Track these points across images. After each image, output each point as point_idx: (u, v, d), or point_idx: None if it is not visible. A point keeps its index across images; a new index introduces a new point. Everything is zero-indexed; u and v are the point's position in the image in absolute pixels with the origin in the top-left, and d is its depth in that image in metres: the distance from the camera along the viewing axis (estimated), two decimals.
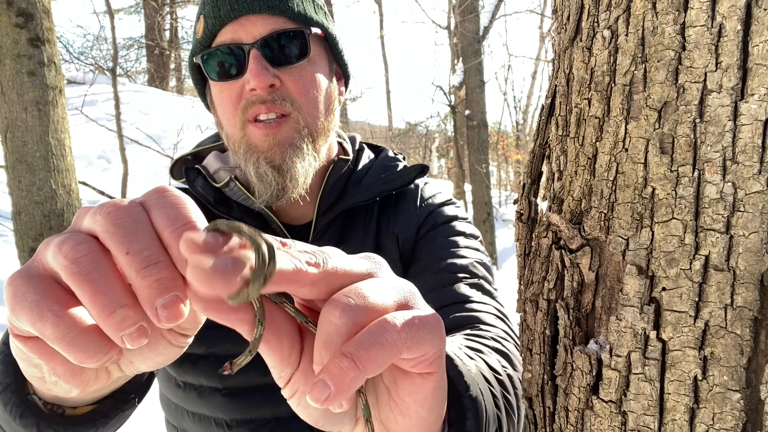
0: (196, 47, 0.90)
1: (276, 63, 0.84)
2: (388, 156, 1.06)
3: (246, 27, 0.84)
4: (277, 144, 0.84)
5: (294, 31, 0.85)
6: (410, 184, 1.00)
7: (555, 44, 0.51)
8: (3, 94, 3.31)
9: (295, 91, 0.86)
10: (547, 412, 0.47)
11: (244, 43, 0.83)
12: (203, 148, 1.05)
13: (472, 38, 7.37)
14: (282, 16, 0.85)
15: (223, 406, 0.85)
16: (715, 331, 0.37)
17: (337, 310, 0.33)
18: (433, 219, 0.97)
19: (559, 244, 0.47)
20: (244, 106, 0.85)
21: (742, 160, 0.36)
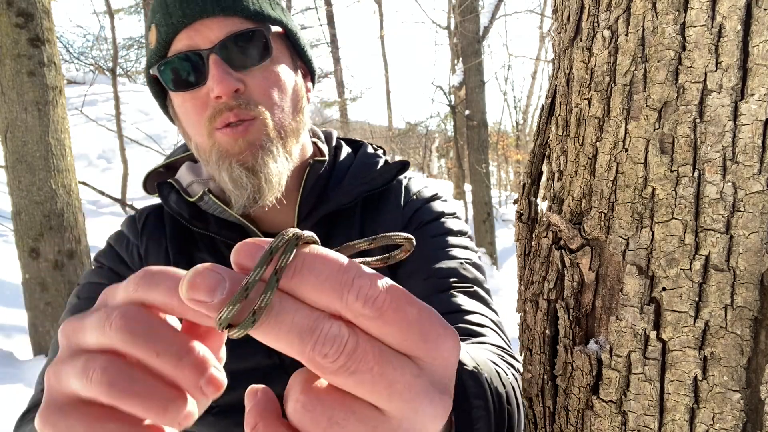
0: (151, 58, 0.85)
1: (238, 66, 0.81)
2: (367, 152, 1.01)
3: (201, 32, 0.80)
4: (248, 146, 0.81)
5: (252, 31, 0.81)
6: (392, 181, 0.96)
7: (555, 44, 0.51)
8: (3, 94, 3.32)
9: (261, 94, 0.83)
10: (547, 412, 0.47)
11: (202, 49, 0.79)
12: (175, 159, 1.01)
13: (472, 38, 7.38)
14: (238, 17, 0.81)
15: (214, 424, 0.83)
16: (715, 331, 0.37)
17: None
18: (419, 217, 0.94)
19: (559, 244, 0.47)
20: (211, 114, 0.81)
21: (742, 160, 0.36)
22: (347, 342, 0.27)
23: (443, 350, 0.30)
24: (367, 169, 0.96)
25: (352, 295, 0.28)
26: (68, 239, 3.54)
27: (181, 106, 0.85)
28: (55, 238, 3.51)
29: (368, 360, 0.28)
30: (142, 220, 0.96)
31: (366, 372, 0.28)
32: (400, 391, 0.28)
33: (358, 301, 0.28)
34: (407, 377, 0.29)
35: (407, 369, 0.29)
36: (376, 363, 0.28)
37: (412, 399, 0.29)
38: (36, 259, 3.52)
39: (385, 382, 0.28)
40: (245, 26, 0.81)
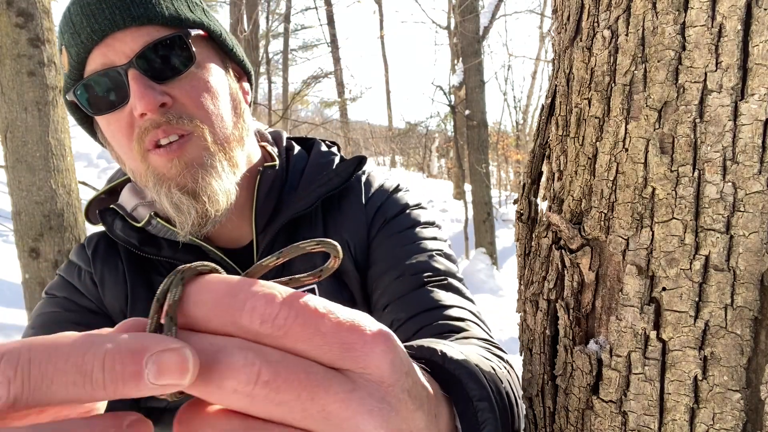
0: (66, 83, 0.78)
1: (160, 78, 0.74)
2: (321, 151, 0.95)
3: (115, 47, 0.73)
4: (185, 167, 0.75)
5: (170, 38, 0.74)
6: (349, 180, 0.90)
7: (555, 44, 0.51)
8: (3, 94, 3.32)
9: (191, 105, 0.75)
10: (547, 412, 0.47)
11: (118, 65, 0.72)
12: (116, 183, 0.93)
13: (472, 38, 7.38)
14: (153, 25, 0.74)
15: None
16: (715, 331, 0.37)
17: None
18: (383, 214, 0.89)
19: (559, 244, 0.47)
20: (138, 135, 0.74)
21: (743, 160, 0.36)
22: (260, 370, 0.25)
23: (373, 357, 0.28)
24: (322, 170, 0.90)
25: (245, 317, 0.26)
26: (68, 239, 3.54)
27: (107, 130, 0.79)
28: (55, 238, 3.51)
29: (293, 386, 0.25)
30: (91, 246, 0.90)
31: (294, 400, 0.25)
32: (336, 412, 0.26)
33: (254, 322, 0.26)
34: (340, 395, 0.26)
35: (339, 386, 0.27)
36: (303, 388, 0.25)
37: (351, 416, 0.27)
38: (36, 259, 3.52)
39: (317, 406, 0.26)
40: (162, 33, 0.74)
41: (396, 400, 0.29)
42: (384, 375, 0.28)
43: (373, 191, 0.92)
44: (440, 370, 0.44)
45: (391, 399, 0.29)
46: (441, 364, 0.44)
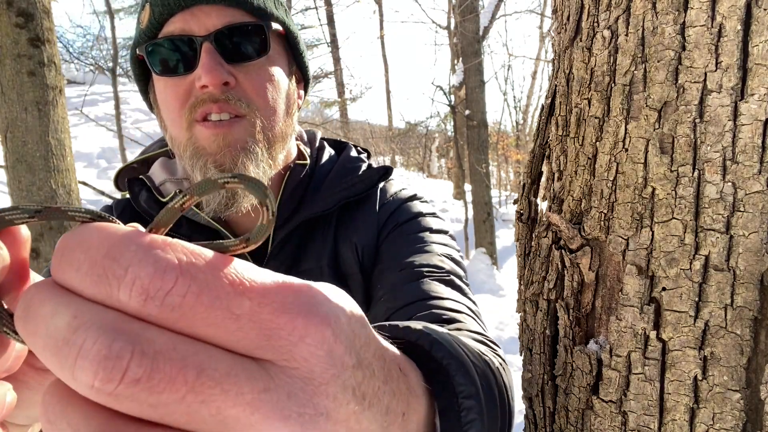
0: (139, 38, 0.80)
1: (231, 59, 0.76)
2: (350, 156, 0.96)
3: (198, 17, 0.75)
4: (227, 146, 0.76)
5: (252, 25, 0.77)
6: (373, 188, 0.90)
7: (555, 44, 0.51)
8: (3, 94, 3.32)
9: (252, 91, 0.77)
10: (547, 412, 0.47)
11: (196, 35, 0.74)
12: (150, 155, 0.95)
13: (472, 38, 7.38)
14: (239, 9, 0.76)
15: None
16: (715, 331, 0.37)
17: None
18: (395, 219, 0.88)
19: (559, 244, 0.47)
20: (192, 104, 0.75)
21: (742, 160, 0.36)
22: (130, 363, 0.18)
23: (302, 348, 0.22)
24: (347, 174, 0.91)
25: (123, 292, 0.19)
26: None
27: (162, 92, 0.80)
28: (55, 238, 3.51)
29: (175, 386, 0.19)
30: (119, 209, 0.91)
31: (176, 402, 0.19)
32: (236, 417, 0.20)
33: (133, 299, 0.19)
34: (246, 396, 0.20)
35: (247, 384, 0.20)
36: (191, 389, 0.19)
37: (257, 423, 0.21)
38: (36, 259, 3.52)
39: (209, 410, 0.20)
40: (245, 19, 0.77)
41: (330, 401, 0.23)
42: (315, 370, 0.22)
43: (388, 197, 0.92)
44: (426, 357, 0.39)
45: (322, 400, 0.23)
46: (428, 350, 0.39)
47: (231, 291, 0.20)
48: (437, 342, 0.40)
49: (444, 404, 0.37)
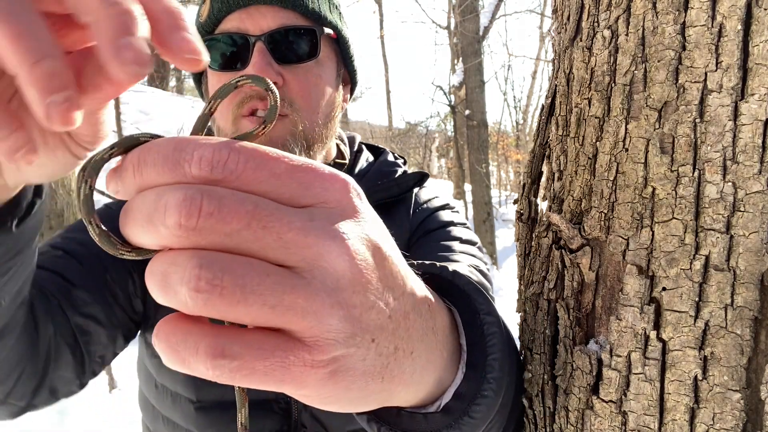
0: (198, 31, 0.83)
1: (281, 60, 0.79)
2: (387, 160, 0.99)
3: (254, 17, 0.78)
4: (269, 141, 0.77)
5: (305, 28, 0.80)
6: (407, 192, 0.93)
7: (555, 44, 0.51)
8: None
9: (298, 93, 0.80)
10: (547, 412, 0.47)
11: (250, 34, 0.78)
12: None
13: (472, 38, 7.37)
14: (294, 11, 0.79)
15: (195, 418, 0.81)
16: (715, 331, 0.37)
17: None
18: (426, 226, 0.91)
19: (559, 244, 0.47)
20: (240, 100, 0.79)
21: (743, 160, 0.36)
22: (203, 202, 0.24)
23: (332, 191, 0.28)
24: (383, 177, 0.93)
25: (194, 167, 0.25)
26: None
27: (214, 86, 0.84)
28: None
29: (241, 215, 0.25)
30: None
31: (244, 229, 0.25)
32: (293, 240, 0.26)
33: (203, 170, 0.26)
34: (297, 224, 0.26)
35: (295, 215, 0.26)
36: (253, 217, 0.25)
37: (313, 243, 0.26)
38: None
39: (272, 235, 0.25)
40: (299, 22, 0.80)
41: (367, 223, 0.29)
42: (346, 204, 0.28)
43: (422, 204, 0.94)
44: (449, 285, 0.43)
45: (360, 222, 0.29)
46: (450, 279, 0.43)
47: (269, 158, 0.27)
48: (458, 272, 0.43)
49: (467, 318, 0.41)
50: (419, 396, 0.38)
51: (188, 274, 0.24)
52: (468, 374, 0.40)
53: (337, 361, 0.28)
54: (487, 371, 0.40)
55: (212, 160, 0.26)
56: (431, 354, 0.36)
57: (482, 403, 0.39)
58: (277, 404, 0.80)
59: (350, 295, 0.28)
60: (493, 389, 0.39)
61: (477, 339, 0.41)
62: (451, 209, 0.97)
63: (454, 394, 0.40)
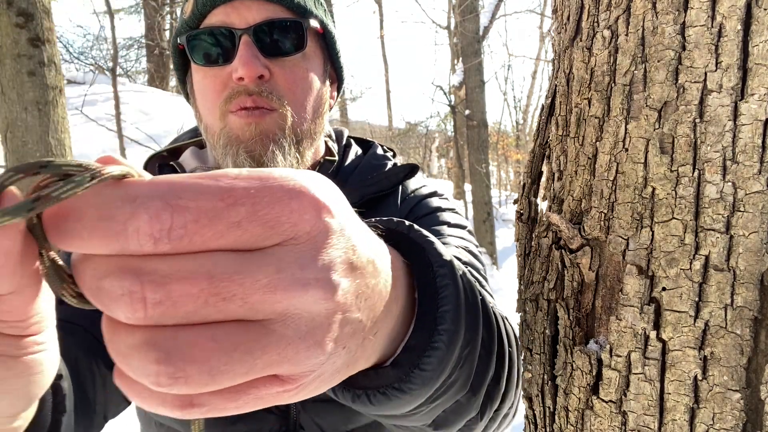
0: (181, 27, 0.83)
1: (267, 53, 0.78)
2: (376, 154, 0.97)
3: (239, 11, 0.78)
4: (259, 134, 0.77)
5: (291, 21, 0.79)
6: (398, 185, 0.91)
7: (555, 44, 0.51)
8: (3, 94, 3.32)
9: (285, 86, 0.79)
10: (547, 412, 0.47)
11: (236, 28, 0.77)
12: (180, 144, 0.97)
13: (472, 38, 7.38)
14: (280, 5, 0.79)
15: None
16: (715, 331, 0.37)
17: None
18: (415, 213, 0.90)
19: (559, 244, 0.47)
20: (228, 96, 0.78)
21: (742, 160, 0.36)
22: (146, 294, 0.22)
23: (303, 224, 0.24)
24: (373, 171, 0.92)
25: (133, 244, 0.22)
26: None
27: (200, 82, 0.83)
28: None
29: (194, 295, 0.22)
30: None
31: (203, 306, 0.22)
32: (261, 300, 0.23)
33: (146, 246, 0.22)
34: (263, 281, 0.23)
35: (261, 272, 0.23)
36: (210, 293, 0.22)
37: (282, 298, 0.24)
38: None
39: (236, 302, 0.23)
40: (284, 15, 0.80)
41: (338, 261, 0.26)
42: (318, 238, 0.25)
43: (410, 193, 0.94)
44: (405, 239, 0.42)
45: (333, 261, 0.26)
46: (406, 233, 0.42)
47: (223, 205, 0.22)
48: (414, 228, 0.43)
49: (419, 272, 0.40)
50: (376, 357, 0.37)
51: (147, 370, 0.22)
52: (417, 326, 0.39)
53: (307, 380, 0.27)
54: (437, 323, 0.39)
55: (152, 231, 0.21)
56: (389, 319, 0.35)
57: (433, 355, 0.38)
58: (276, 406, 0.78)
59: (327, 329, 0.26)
60: (443, 341, 0.38)
61: (430, 292, 0.40)
62: (439, 196, 0.95)
63: (403, 347, 0.39)
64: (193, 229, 0.22)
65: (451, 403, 0.45)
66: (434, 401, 0.43)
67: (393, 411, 0.41)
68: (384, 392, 0.38)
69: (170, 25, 14.95)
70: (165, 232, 0.22)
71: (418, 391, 0.39)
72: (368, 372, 0.39)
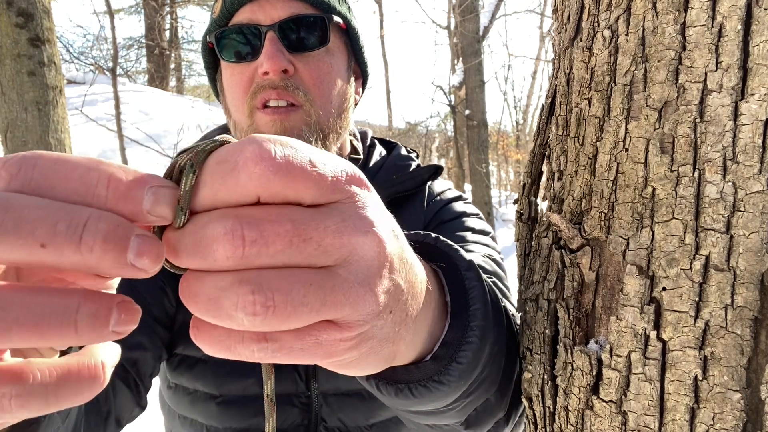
0: (210, 27, 0.87)
1: (292, 48, 0.81)
2: (400, 154, 1.00)
3: (265, 8, 0.81)
4: (284, 131, 0.79)
5: (314, 17, 0.82)
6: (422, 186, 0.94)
7: (555, 44, 0.51)
8: (3, 94, 3.32)
9: (309, 81, 0.82)
10: (547, 412, 0.47)
11: (261, 25, 0.80)
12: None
13: (472, 38, 7.38)
14: (303, 2, 0.82)
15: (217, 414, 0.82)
16: (715, 331, 0.37)
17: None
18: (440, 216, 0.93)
19: (560, 244, 0.47)
20: (254, 90, 0.81)
21: (743, 159, 0.36)
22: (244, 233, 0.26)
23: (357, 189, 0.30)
24: (398, 171, 0.95)
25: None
26: None
27: (228, 79, 0.86)
28: None
29: (282, 235, 0.27)
30: None
31: (287, 247, 0.27)
32: (332, 244, 0.28)
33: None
34: (332, 227, 0.28)
35: (330, 220, 0.28)
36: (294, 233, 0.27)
37: (347, 243, 0.29)
38: None
39: (312, 245, 0.28)
40: (308, 11, 0.82)
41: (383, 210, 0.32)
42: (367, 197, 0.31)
43: (435, 196, 0.96)
44: (432, 249, 0.47)
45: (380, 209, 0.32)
46: (433, 244, 0.47)
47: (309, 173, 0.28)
48: (440, 239, 0.48)
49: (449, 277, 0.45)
50: (416, 352, 0.42)
51: (243, 300, 0.26)
52: (452, 324, 0.43)
53: (362, 334, 0.31)
54: (470, 320, 0.43)
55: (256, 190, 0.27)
56: (426, 312, 0.39)
57: (468, 348, 0.42)
58: (298, 398, 0.82)
59: (378, 280, 0.31)
60: (477, 335, 0.43)
61: (459, 293, 0.45)
62: (464, 200, 0.98)
63: (441, 342, 0.43)
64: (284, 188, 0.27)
65: (482, 401, 0.49)
66: (468, 396, 0.46)
67: (432, 404, 0.44)
68: (425, 385, 0.42)
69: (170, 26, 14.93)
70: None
71: (456, 383, 0.42)
72: (409, 367, 0.43)
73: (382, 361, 0.36)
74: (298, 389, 0.82)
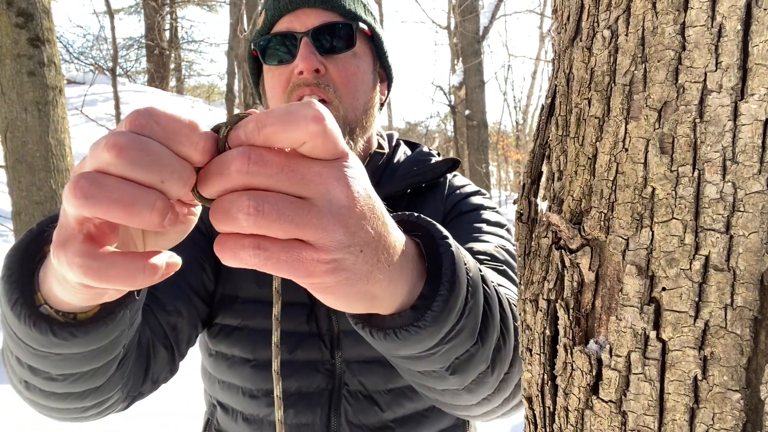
0: (255, 37, 0.99)
1: (323, 51, 0.92)
2: (422, 151, 1.11)
3: (300, 18, 0.93)
4: None
5: (342, 24, 0.94)
6: (441, 177, 1.03)
7: (555, 44, 0.51)
8: (3, 94, 3.32)
9: (338, 80, 0.93)
10: (547, 412, 0.47)
11: (297, 32, 0.93)
12: None
13: (472, 38, 7.38)
14: (333, 12, 0.94)
15: (251, 376, 0.92)
16: (715, 331, 0.37)
17: None
18: (458, 208, 1.01)
19: (559, 244, 0.47)
20: (290, 88, 0.93)
21: (742, 160, 0.36)
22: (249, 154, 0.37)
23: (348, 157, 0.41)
24: (420, 164, 1.05)
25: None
26: None
27: (269, 81, 0.98)
28: None
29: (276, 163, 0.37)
30: None
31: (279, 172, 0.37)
32: (311, 179, 0.38)
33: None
34: (315, 168, 0.39)
35: (315, 163, 0.39)
36: (285, 164, 0.38)
37: (325, 182, 0.39)
38: None
39: (297, 175, 0.38)
40: (337, 19, 0.95)
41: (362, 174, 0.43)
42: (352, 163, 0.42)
43: (455, 189, 1.06)
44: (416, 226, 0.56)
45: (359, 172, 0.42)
46: (415, 221, 0.56)
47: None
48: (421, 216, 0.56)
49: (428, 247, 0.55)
50: (397, 303, 0.51)
51: (243, 205, 0.36)
52: (428, 282, 0.53)
53: (335, 261, 0.40)
54: (442, 277, 0.52)
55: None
56: (404, 269, 0.49)
57: (439, 299, 0.52)
58: (323, 365, 0.93)
59: (347, 218, 0.40)
60: (446, 289, 0.52)
61: (435, 257, 0.54)
62: (482, 195, 1.07)
63: (418, 296, 0.53)
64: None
65: (463, 351, 0.58)
66: (447, 342, 0.55)
67: (416, 347, 0.54)
68: (406, 329, 0.51)
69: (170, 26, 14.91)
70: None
71: (431, 327, 0.51)
72: (393, 316, 0.52)
73: (360, 298, 0.45)
74: (323, 357, 0.92)
